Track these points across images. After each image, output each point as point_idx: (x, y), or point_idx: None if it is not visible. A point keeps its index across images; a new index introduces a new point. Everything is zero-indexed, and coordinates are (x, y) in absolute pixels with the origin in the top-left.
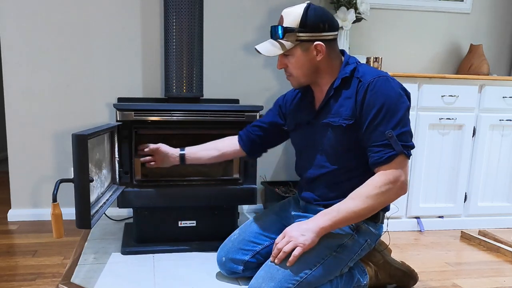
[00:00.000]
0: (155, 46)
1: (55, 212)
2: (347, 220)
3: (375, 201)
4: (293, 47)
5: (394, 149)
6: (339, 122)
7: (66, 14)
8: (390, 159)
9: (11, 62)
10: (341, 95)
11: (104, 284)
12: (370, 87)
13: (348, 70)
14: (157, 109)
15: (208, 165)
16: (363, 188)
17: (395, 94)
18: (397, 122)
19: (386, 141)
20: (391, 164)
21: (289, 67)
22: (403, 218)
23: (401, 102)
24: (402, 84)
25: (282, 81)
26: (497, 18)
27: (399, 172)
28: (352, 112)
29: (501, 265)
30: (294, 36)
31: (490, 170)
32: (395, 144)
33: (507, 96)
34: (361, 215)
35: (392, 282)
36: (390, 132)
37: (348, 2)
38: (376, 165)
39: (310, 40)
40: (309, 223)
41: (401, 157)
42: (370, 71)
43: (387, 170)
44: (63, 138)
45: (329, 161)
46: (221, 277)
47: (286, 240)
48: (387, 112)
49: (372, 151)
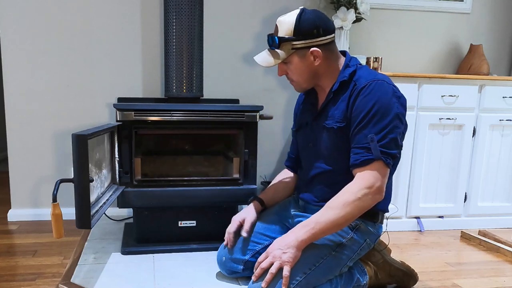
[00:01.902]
0: (155, 46)
1: (55, 212)
2: (326, 230)
3: (353, 208)
4: (290, 55)
5: (372, 154)
6: (332, 124)
7: (66, 14)
8: (366, 163)
9: (11, 62)
10: (339, 98)
11: (104, 284)
12: (363, 91)
13: (347, 74)
14: (157, 109)
15: (208, 165)
16: (341, 196)
17: (386, 99)
18: (383, 127)
19: (367, 144)
20: (366, 168)
21: (289, 74)
22: (403, 218)
23: (391, 108)
24: (399, 90)
25: (282, 81)
26: (497, 18)
27: (374, 178)
28: (343, 115)
29: (501, 265)
30: (289, 45)
31: (490, 170)
32: (374, 149)
33: (507, 96)
34: (340, 224)
35: (392, 282)
36: (372, 136)
37: (348, 2)
38: (352, 166)
39: (305, 47)
40: (289, 238)
41: (378, 163)
42: (368, 75)
43: (364, 175)
44: (63, 138)
45: (325, 163)
46: (221, 276)
47: (269, 260)
48: (374, 116)
49: (353, 152)
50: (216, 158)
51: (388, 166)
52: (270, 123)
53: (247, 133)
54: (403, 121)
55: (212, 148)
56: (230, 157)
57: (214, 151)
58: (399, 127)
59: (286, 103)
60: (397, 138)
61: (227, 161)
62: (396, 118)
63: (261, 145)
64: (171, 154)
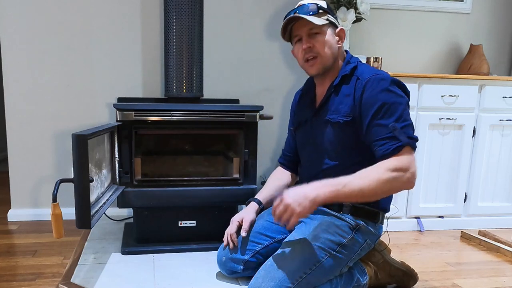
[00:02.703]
0: (155, 46)
1: (55, 212)
2: (348, 197)
3: (382, 186)
4: (325, 25)
5: (401, 140)
6: (337, 118)
7: (66, 14)
8: (398, 150)
9: (11, 62)
10: (341, 93)
11: (104, 284)
12: (368, 85)
13: (349, 69)
14: (157, 109)
15: (208, 165)
16: (374, 170)
17: (394, 91)
18: (399, 115)
19: (391, 133)
20: (400, 154)
21: (316, 46)
22: (403, 218)
23: (400, 98)
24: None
25: (282, 81)
26: (497, 18)
27: (409, 163)
28: (350, 110)
29: (501, 265)
30: (325, 15)
31: (490, 170)
32: (400, 136)
33: (507, 96)
34: (364, 197)
35: (392, 282)
36: (394, 125)
37: (348, 2)
38: (384, 157)
39: (336, 25)
40: (308, 190)
41: (408, 149)
42: (369, 70)
43: (399, 159)
44: (63, 138)
45: (328, 158)
46: (221, 277)
47: (282, 208)
48: (388, 109)
49: (377, 145)
50: (216, 158)
51: (414, 150)
52: (270, 123)
53: (247, 133)
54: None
55: (212, 148)
56: (230, 157)
57: (214, 151)
58: (409, 113)
59: (286, 103)
60: (412, 123)
61: (227, 161)
62: (406, 106)
63: (261, 145)
64: (171, 154)
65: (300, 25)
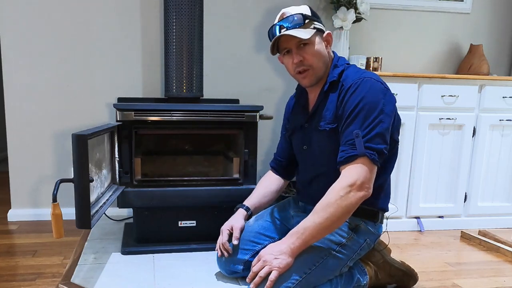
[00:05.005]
0: (155, 46)
1: (55, 212)
2: (315, 235)
3: (336, 209)
4: (312, 35)
5: (356, 150)
6: (324, 126)
7: (66, 14)
8: (350, 159)
9: (11, 62)
10: (328, 99)
11: (104, 284)
12: (349, 90)
13: (336, 74)
14: (157, 109)
15: (208, 165)
16: (325, 198)
17: (372, 95)
18: (368, 123)
19: (352, 140)
20: (350, 164)
21: (306, 58)
22: (403, 218)
23: (377, 103)
24: (387, 85)
25: (282, 81)
26: (497, 18)
27: (357, 174)
28: (334, 116)
29: (501, 265)
30: (311, 23)
31: (490, 170)
32: (358, 145)
33: (507, 96)
34: (327, 226)
35: (392, 282)
36: (358, 132)
37: (348, 2)
38: (338, 164)
39: (322, 30)
40: (282, 245)
41: (362, 159)
42: (354, 74)
43: (347, 172)
44: (63, 138)
45: (320, 165)
46: (221, 277)
47: (260, 264)
48: (359, 112)
49: (340, 150)
50: (216, 158)
51: (374, 162)
52: (270, 123)
53: (247, 133)
54: (391, 116)
55: (212, 148)
56: (230, 157)
57: (214, 151)
58: (385, 122)
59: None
60: (383, 133)
61: (227, 161)
62: (382, 114)
63: (261, 145)
64: (171, 154)
65: (288, 38)
